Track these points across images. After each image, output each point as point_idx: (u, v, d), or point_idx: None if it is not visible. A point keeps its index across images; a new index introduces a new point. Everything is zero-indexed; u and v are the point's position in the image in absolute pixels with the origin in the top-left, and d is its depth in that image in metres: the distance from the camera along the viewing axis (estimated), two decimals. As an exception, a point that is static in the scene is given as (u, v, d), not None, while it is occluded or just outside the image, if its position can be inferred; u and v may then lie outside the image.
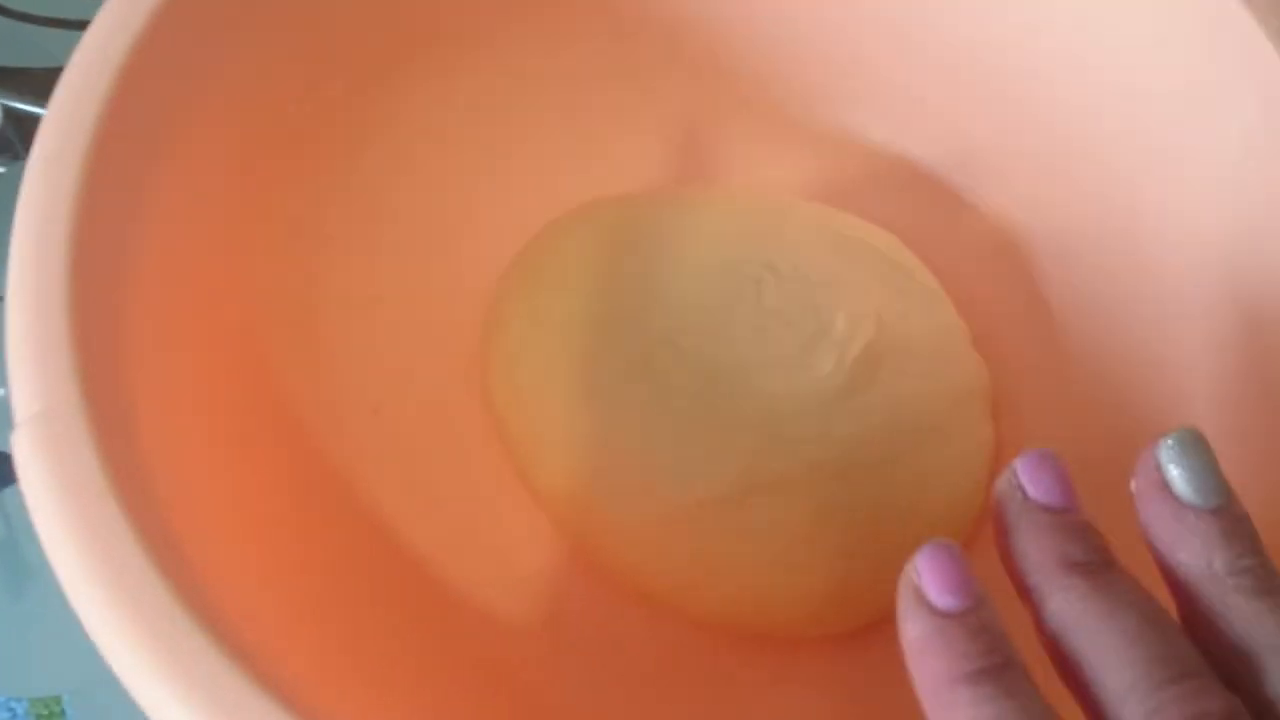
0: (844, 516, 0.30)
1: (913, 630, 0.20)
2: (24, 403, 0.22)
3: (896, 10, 0.34)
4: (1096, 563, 0.20)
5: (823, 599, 0.30)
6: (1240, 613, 0.19)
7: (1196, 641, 0.19)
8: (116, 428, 0.23)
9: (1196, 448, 0.21)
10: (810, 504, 0.30)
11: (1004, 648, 0.19)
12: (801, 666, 0.31)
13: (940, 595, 0.20)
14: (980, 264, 0.35)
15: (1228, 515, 0.20)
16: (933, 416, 0.31)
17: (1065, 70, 0.31)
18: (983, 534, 0.32)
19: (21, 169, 0.40)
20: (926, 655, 0.20)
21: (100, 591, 0.21)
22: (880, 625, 0.31)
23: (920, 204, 0.36)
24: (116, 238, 0.25)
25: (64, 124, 0.25)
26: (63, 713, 0.35)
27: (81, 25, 0.32)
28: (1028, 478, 0.21)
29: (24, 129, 0.37)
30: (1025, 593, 0.21)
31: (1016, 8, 0.32)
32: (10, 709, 0.35)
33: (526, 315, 0.33)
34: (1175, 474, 0.21)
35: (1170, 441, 0.21)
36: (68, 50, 0.38)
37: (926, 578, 0.20)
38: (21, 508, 0.35)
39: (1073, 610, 0.20)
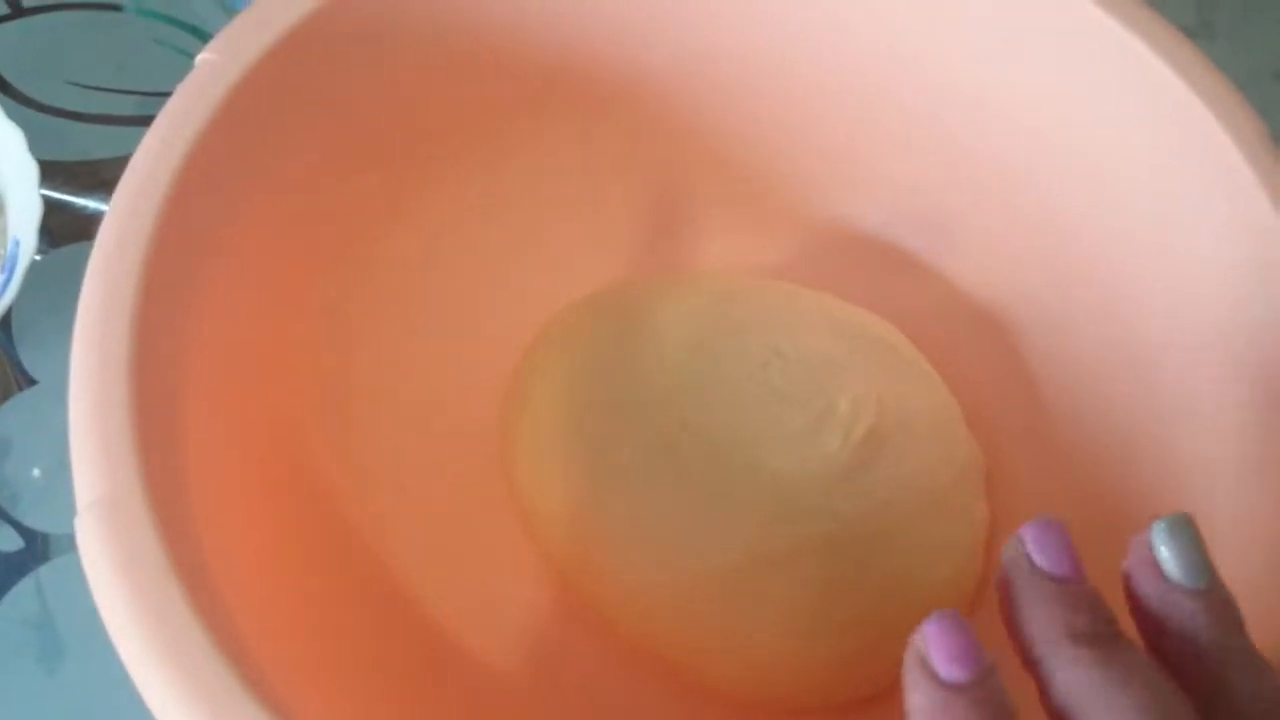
0: (849, 589, 0.31)
1: (917, 700, 0.20)
2: (87, 487, 0.24)
3: (887, 106, 0.36)
4: (1105, 635, 0.20)
5: (828, 669, 0.32)
6: (1239, 691, 0.20)
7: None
8: (173, 510, 0.24)
9: (1186, 531, 0.21)
10: (816, 576, 0.31)
11: None
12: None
13: (947, 665, 0.20)
14: (969, 344, 0.37)
15: (1214, 597, 0.21)
16: (932, 493, 0.32)
17: (1051, 162, 0.33)
18: (981, 607, 0.33)
19: (48, 262, 0.42)
20: None
21: (163, 669, 0.22)
22: (884, 697, 0.32)
23: (909, 287, 0.38)
24: (172, 329, 0.26)
25: (124, 222, 0.26)
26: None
27: (110, 120, 0.34)
28: (1035, 545, 0.21)
29: (54, 218, 0.39)
30: (1032, 664, 0.21)
31: (1006, 107, 0.34)
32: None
33: (545, 395, 0.34)
34: (1165, 554, 0.21)
35: (1162, 525, 0.21)
36: (100, 144, 0.40)
37: (933, 647, 0.20)
38: (57, 586, 0.37)
39: (1082, 682, 0.19)
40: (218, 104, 0.28)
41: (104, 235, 0.26)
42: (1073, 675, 0.20)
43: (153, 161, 0.27)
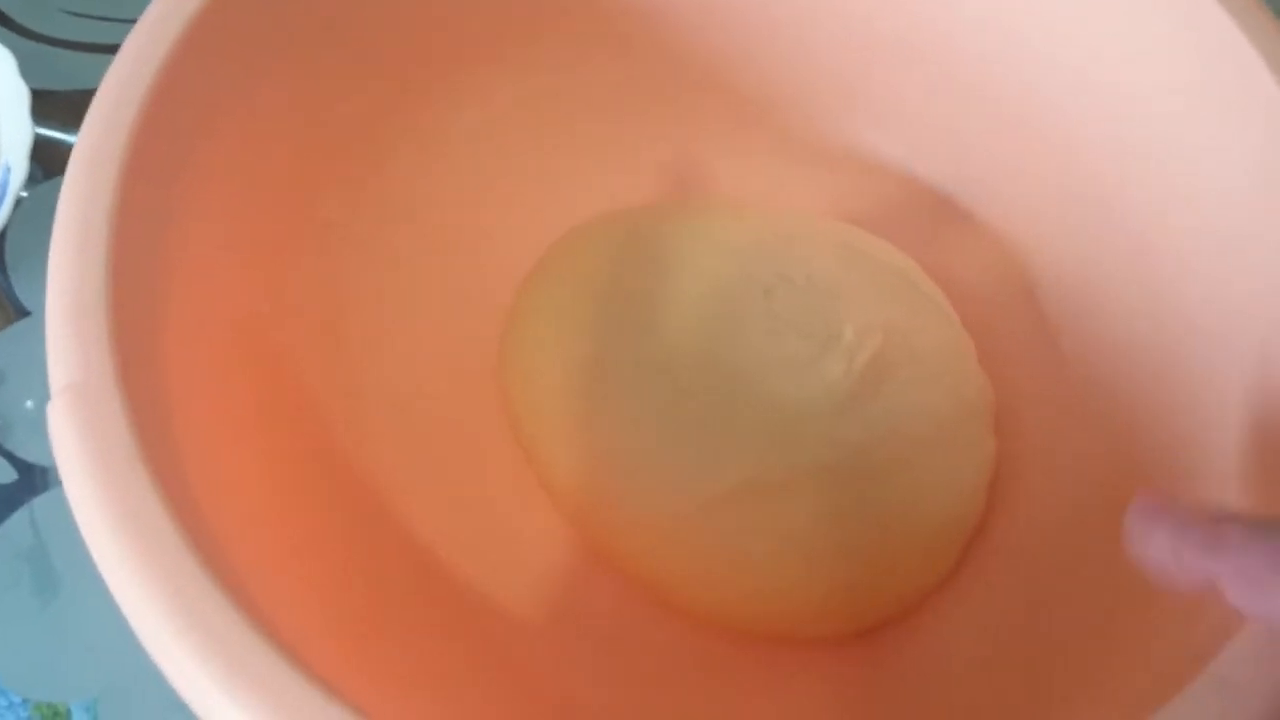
0: (848, 519, 0.30)
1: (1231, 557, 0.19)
2: (61, 373, 0.23)
3: (916, 35, 0.35)
4: None
5: (827, 599, 0.31)
6: None
7: None
8: (148, 403, 0.24)
9: None
10: (816, 506, 0.30)
11: None
12: (806, 666, 0.32)
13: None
14: (989, 285, 0.36)
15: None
16: (937, 427, 0.32)
17: (1081, 101, 0.32)
18: (978, 547, 0.32)
19: (42, 192, 0.42)
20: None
21: (125, 553, 0.22)
22: (885, 627, 0.32)
23: (932, 223, 0.37)
24: (156, 223, 0.26)
25: (109, 111, 0.26)
26: (69, 714, 0.35)
27: (105, 49, 0.33)
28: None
29: (45, 152, 0.39)
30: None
31: (1034, 40, 0.32)
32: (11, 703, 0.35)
33: (544, 318, 0.34)
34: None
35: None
36: (94, 73, 0.40)
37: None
38: (49, 517, 0.37)
39: None
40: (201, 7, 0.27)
41: (89, 122, 0.26)
42: None
43: (139, 55, 0.26)
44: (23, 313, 0.41)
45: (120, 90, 0.26)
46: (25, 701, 0.35)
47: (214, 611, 0.21)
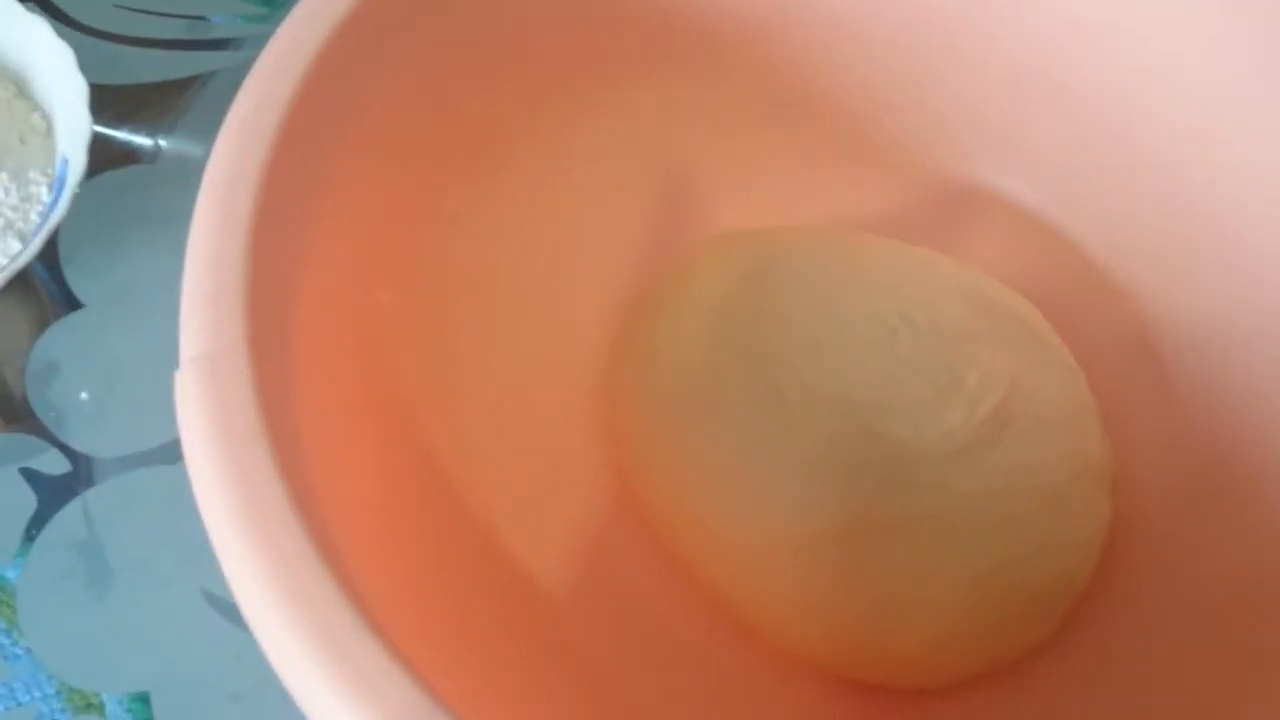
0: (951, 572, 0.30)
1: None
2: (193, 342, 0.23)
3: (1049, 72, 0.35)
4: None
5: (921, 650, 0.30)
6: None
7: None
8: (274, 381, 0.24)
9: None
10: (920, 553, 0.30)
11: None
12: (886, 717, 0.31)
13: None
14: (1111, 340, 0.35)
15: None
16: (1054, 485, 0.31)
17: (1204, 145, 0.32)
18: (1083, 606, 0.31)
19: (94, 187, 0.42)
20: None
21: (241, 528, 0.21)
22: (975, 683, 0.31)
23: (1059, 272, 0.36)
24: (297, 203, 0.26)
25: (262, 91, 0.26)
26: (102, 706, 0.34)
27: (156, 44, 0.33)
28: None
29: (94, 146, 0.39)
30: None
31: (1161, 81, 0.32)
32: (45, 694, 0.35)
33: (658, 337, 0.33)
34: None
35: None
36: (146, 68, 0.40)
37: None
38: (103, 510, 0.36)
39: None
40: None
41: (241, 99, 0.26)
42: None
43: (296, 35, 0.27)
44: (76, 305, 0.41)
45: (275, 68, 0.26)
46: (59, 693, 0.34)
47: (321, 594, 0.21)
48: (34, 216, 0.38)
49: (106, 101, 0.44)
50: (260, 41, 0.45)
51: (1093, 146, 0.35)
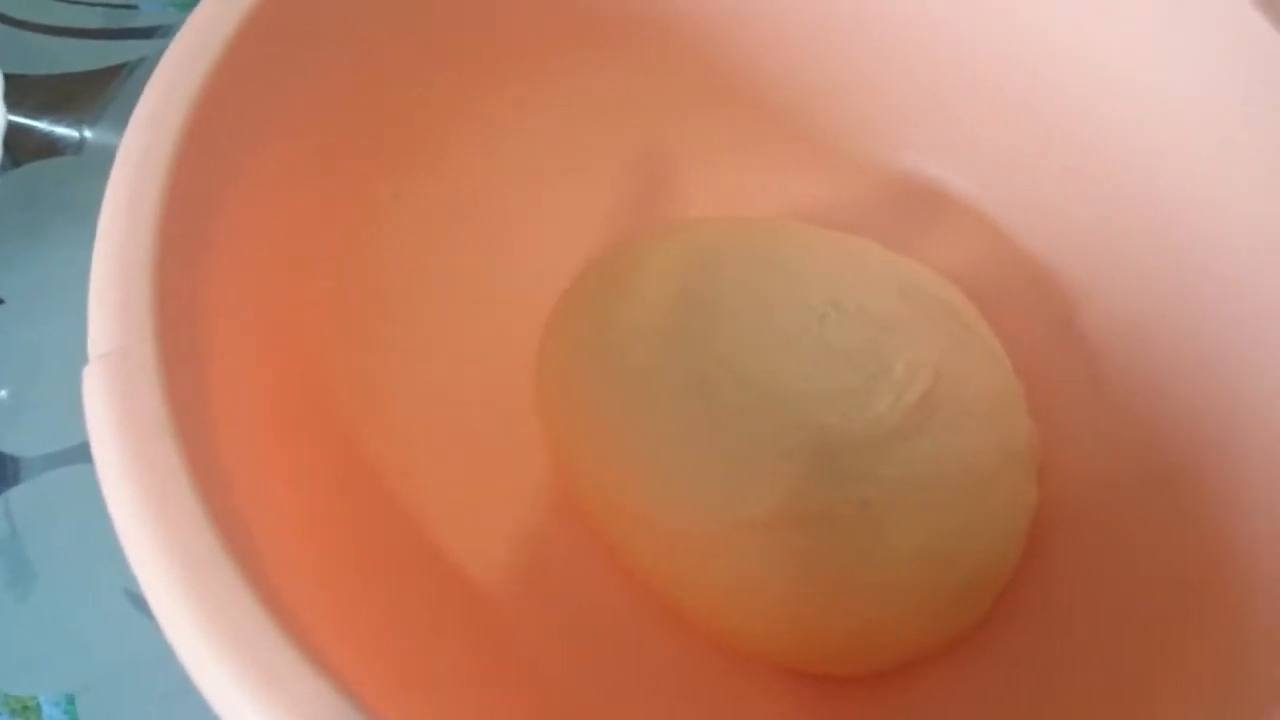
0: (881, 557, 0.30)
1: None
2: (101, 339, 0.23)
3: (967, 53, 0.35)
4: None
5: (852, 637, 0.30)
6: None
7: None
8: (187, 377, 0.23)
9: None
10: (849, 541, 0.30)
11: None
12: (822, 704, 0.31)
13: None
14: (1035, 325, 0.35)
15: None
16: (980, 471, 0.31)
17: (1125, 121, 0.32)
18: (1011, 592, 0.32)
19: (13, 180, 0.41)
20: None
21: (148, 527, 0.21)
22: (907, 670, 0.31)
23: (991, 261, 0.36)
24: (208, 194, 0.26)
25: (172, 80, 0.26)
26: (39, 708, 0.34)
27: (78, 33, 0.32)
28: None
29: (14, 138, 0.38)
30: None
31: (1085, 63, 0.32)
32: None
33: (587, 324, 0.33)
34: None
35: None
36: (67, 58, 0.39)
37: None
38: (25, 508, 0.36)
39: None
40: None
41: (148, 92, 0.25)
42: None
43: (207, 23, 0.26)
44: (-4, 301, 0.40)
45: (186, 57, 0.26)
46: (-2, 696, 0.34)
47: (229, 593, 0.21)
48: (-49, 210, 0.38)
49: (28, 92, 0.43)
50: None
51: (1025, 139, 0.35)
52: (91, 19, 0.46)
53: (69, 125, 0.44)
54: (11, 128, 0.37)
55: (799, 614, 0.30)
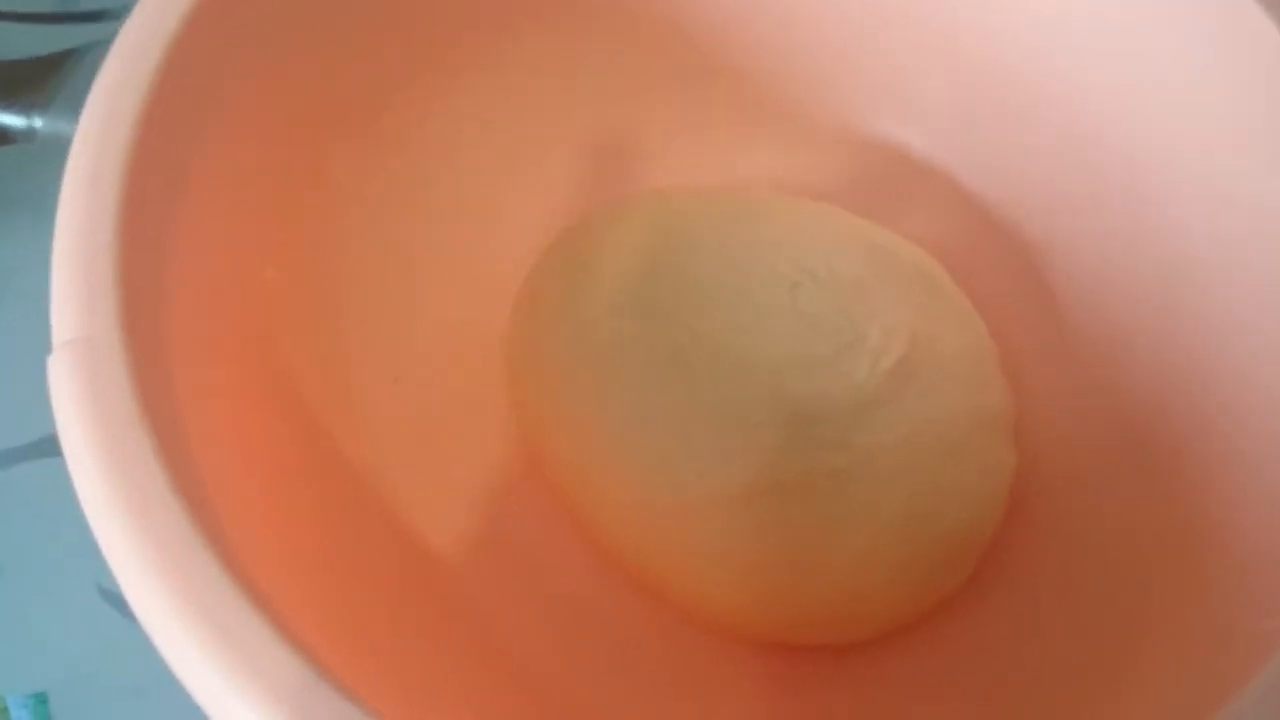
0: (859, 525, 0.30)
1: None
2: (65, 326, 0.23)
3: (935, 20, 0.35)
4: None
5: (833, 606, 0.30)
6: None
7: None
8: (152, 361, 0.23)
9: None
10: (828, 509, 0.30)
11: None
12: (806, 675, 0.31)
13: None
14: (1006, 287, 0.35)
15: None
16: (957, 435, 0.31)
17: (1095, 90, 0.32)
18: (993, 556, 0.32)
19: None
20: None
21: (119, 512, 0.21)
22: (889, 638, 0.31)
23: (957, 224, 0.36)
24: (167, 177, 0.25)
25: (125, 65, 0.25)
26: (6, 710, 0.33)
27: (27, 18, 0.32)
28: None
29: None
30: None
31: (1053, 27, 0.32)
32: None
33: (556, 298, 0.33)
34: None
35: None
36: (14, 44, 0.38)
37: None
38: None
39: None
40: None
41: (105, 72, 0.25)
42: None
43: (159, 7, 0.26)
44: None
45: (139, 39, 0.25)
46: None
47: (204, 576, 0.21)
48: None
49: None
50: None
51: (984, 100, 0.35)
52: (43, 3, 0.45)
53: (18, 113, 0.43)
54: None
55: (776, 585, 0.30)
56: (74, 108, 0.43)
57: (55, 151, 0.43)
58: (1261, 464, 0.26)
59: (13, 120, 0.42)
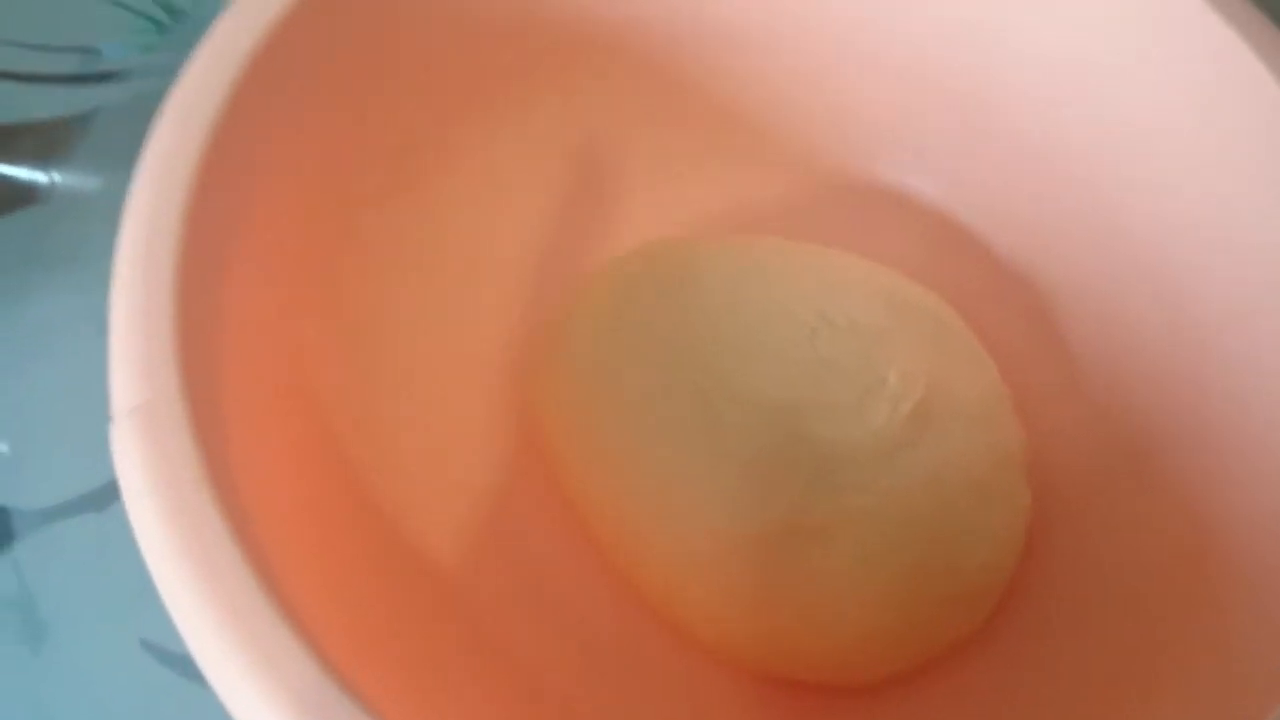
0: (881, 568, 0.31)
1: None
2: (127, 394, 0.23)
3: (941, 71, 0.36)
4: None
5: (853, 648, 0.31)
6: None
7: None
8: (210, 424, 0.24)
9: None
10: (849, 552, 0.30)
11: None
12: (826, 712, 0.32)
13: None
14: (1021, 332, 0.36)
15: None
16: (975, 477, 0.32)
17: (1092, 132, 0.33)
18: (1012, 598, 0.32)
19: None
20: None
21: (189, 576, 0.22)
22: (909, 678, 0.32)
23: (962, 265, 0.37)
24: (218, 246, 0.26)
25: (177, 134, 0.26)
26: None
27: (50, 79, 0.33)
28: None
29: None
30: None
31: (1028, 56, 0.33)
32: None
33: (582, 345, 0.34)
34: None
35: None
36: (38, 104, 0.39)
37: None
38: (34, 564, 0.36)
39: None
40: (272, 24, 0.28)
41: (154, 144, 0.26)
42: None
43: (206, 74, 0.27)
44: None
45: (191, 104, 0.26)
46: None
47: (279, 645, 0.21)
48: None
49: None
50: (149, 72, 0.44)
51: (980, 141, 0.36)
52: (64, 65, 0.46)
53: (42, 171, 0.43)
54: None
55: (797, 626, 0.31)
56: (93, 165, 0.44)
57: (75, 209, 0.44)
58: (1271, 495, 0.27)
59: (37, 178, 0.43)
